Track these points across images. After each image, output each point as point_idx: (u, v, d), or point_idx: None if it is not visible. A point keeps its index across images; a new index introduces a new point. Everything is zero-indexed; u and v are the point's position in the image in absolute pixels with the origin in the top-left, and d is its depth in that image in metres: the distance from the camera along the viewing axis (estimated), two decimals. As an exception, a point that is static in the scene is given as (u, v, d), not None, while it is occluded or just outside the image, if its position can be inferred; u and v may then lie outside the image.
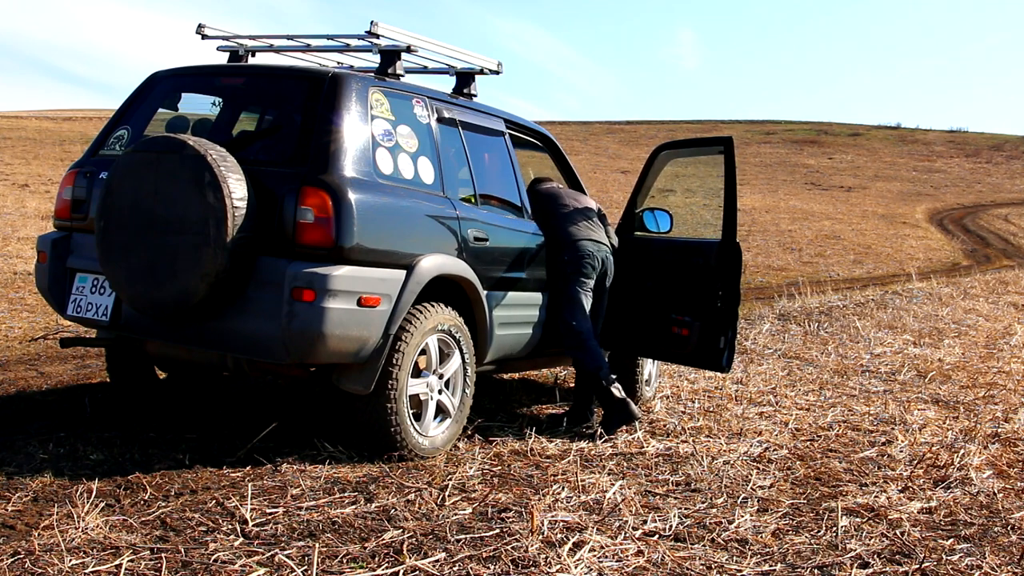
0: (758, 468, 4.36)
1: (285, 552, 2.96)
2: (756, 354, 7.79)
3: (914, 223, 26.35)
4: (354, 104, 4.04)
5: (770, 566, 3.12)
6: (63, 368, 5.77)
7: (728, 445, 4.75)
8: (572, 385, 6.40)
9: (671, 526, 3.43)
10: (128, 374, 4.81)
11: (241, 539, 3.08)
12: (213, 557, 2.90)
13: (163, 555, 2.89)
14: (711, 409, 5.66)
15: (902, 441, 4.96)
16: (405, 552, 3.02)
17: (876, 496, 3.97)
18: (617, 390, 4.86)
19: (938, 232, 25.27)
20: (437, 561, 2.97)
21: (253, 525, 3.20)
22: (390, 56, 4.46)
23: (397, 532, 3.21)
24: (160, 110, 4.58)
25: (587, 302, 4.95)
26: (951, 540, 3.47)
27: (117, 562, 2.82)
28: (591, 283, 4.97)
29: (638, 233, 5.52)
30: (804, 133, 52.63)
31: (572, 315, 4.88)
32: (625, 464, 4.33)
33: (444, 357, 4.40)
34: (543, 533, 3.25)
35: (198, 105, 4.78)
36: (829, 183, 36.40)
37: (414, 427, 4.18)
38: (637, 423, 4.93)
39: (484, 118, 4.95)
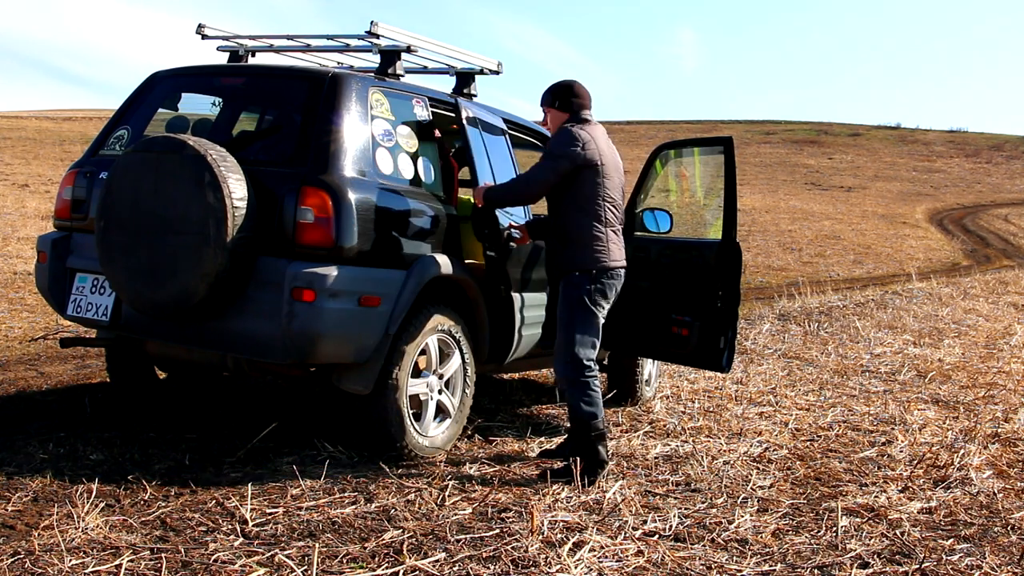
0: (758, 468, 4.36)
1: (285, 552, 2.96)
2: (756, 354, 7.79)
3: (914, 223, 26.35)
4: (354, 104, 4.04)
5: (770, 566, 3.12)
6: (63, 368, 5.77)
7: (728, 445, 4.75)
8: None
9: (671, 526, 3.43)
10: (128, 374, 4.81)
11: (241, 539, 3.08)
12: (213, 557, 2.90)
13: (163, 555, 2.89)
14: (711, 409, 5.66)
15: (902, 441, 4.96)
16: (405, 552, 3.02)
17: (876, 496, 3.97)
18: (604, 451, 4.05)
19: (938, 232, 25.27)
20: (437, 561, 2.97)
21: (253, 525, 3.20)
22: (390, 56, 4.46)
23: (397, 532, 3.21)
24: (160, 110, 4.59)
25: (600, 330, 4.14)
26: (951, 540, 3.47)
27: (117, 562, 2.82)
28: (607, 309, 4.20)
29: (638, 233, 5.52)
30: (804, 133, 52.62)
31: (584, 349, 4.04)
32: (625, 464, 4.33)
33: (444, 357, 4.40)
34: (543, 533, 3.25)
35: (198, 105, 4.78)
36: (829, 183, 36.39)
37: (414, 427, 4.18)
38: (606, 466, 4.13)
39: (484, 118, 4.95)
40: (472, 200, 4.87)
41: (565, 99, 4.19)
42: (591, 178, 4.05)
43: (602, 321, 4.14)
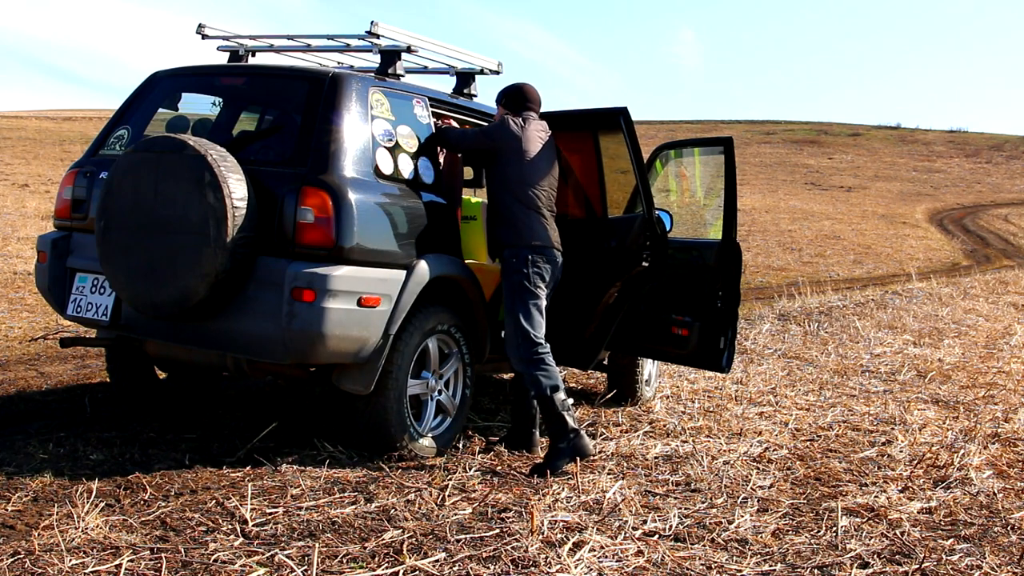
0: (758, 468, 4.35)
1: (285, 552, 2.96)
2: (756, 354, 7.79)
3: (914, 223, 26.34)
4: (354, 104, 4.04)
5: (770, 566, 3.12)
6: (63, 368, 5.77)
7: (728, 445, 4.75)
8: (571, 384, 6.40)
9: (671, 526, 3.43)
10: (128, 374, 4.80)
11: (241, 539, 3.08)
12: (213, 557, 2.90)
13: (163, 555, 2.89)
14: (711, 409, 5.66)
15: (902, 441, 4.96)
16: (405, 552, 3.02)
17: (876, 496, 3.97)
18: (571, 418, 4.19)
19: (938, 232, 25.27)
20: (437, 561, 2.97)
21: (253, 525, 3.20)
22: (390, 56, 4.46)
23: (397, 532, 3.21)
24: (160, 110, 4.59)
25: (544, 308, 4.32)
26: (951, 540, 3.47)
27: (117, 562, 2.82)
28: (546, 290, 4.36)
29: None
30: (804, 133, 52.60)
31: (531, 328, 4.22)
32: (625, 464, 4.33)
33: (444, 357, 4.40)
34: (543, 533, 3.25)
35: (198, 105, 4.78)
36: (829, 183, 36.39)
37: (414, 427, 4.18)
38: (585, 456, 4.18)
39: (484, 118, 4.95)
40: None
41: (511, 100, 4.55)
42: (515, 163, 4.35)
43: (544, 303, 4.35)
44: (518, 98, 4.52)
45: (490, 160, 4.44)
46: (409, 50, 4.49)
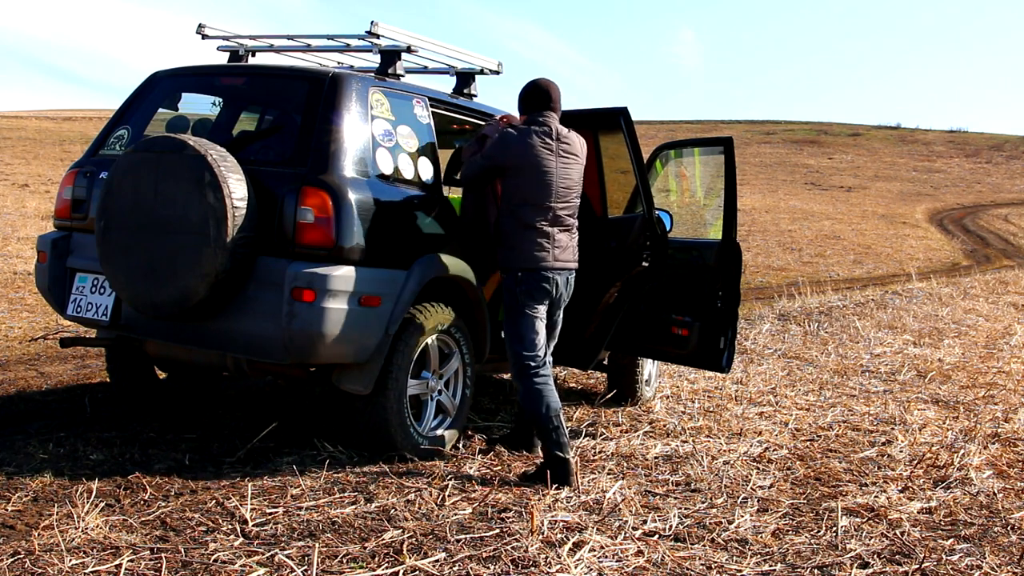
0: (758, 468, 4.36)
1: (285, 552, 2.96)
2: (756, 354, 7.79)
3: (914, 223, 26.35)
4: (354, 104, 4.04)
5: (770, 566, 3.12)
6: (63, 368, 5.77)
7: (728, 445, 4.75)
8: (571, 384, 6.41)
9: (671, 526, 3.43)
10: (128, 374, 4.80)
11: (241, 539, 3.08)
12: (213, 557, 2.90)
13: (163, 555, 2.90)
14: (711, 409, 5.66)
15: (902, 441, 4.96)
16: (405, 552, 3.02)
17: (876, 496, 3.97)
18: (559, 442, 3.96)
19: (938, 232, 25.27)
20: (437, 561, 2.97)
21: (253, 525, 3.20)
22: (390, 56, 4.47)
23: (397, 532, 3.21)
24: (160, 110, 4.59)
25: (540, 325, 4.13)
26: (951, 540, 3.47)
27: (117, 562, 2.83)
28: (543, 308, 4.16)
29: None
30: (804, 133, 52.61)
31: (522, 347, 4.08)
32: (625, 464, 4.33)
33: (444, 357, 4.40)
34: (543, 533, 3.25)
35: (198, 105, 4.78)
36: (829, 183, 36.40)
37: (414, 427, 4.18)
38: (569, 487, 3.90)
39: (484, 118, 4.95)
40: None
41: (522, 103, 4.26)
42: (512, 177, 4.10)
43: (539, 319, 4.14)
44: (530, 100, 4.21)
45: (500, 176, 4.19)
46: (409, 50, 4.49)
